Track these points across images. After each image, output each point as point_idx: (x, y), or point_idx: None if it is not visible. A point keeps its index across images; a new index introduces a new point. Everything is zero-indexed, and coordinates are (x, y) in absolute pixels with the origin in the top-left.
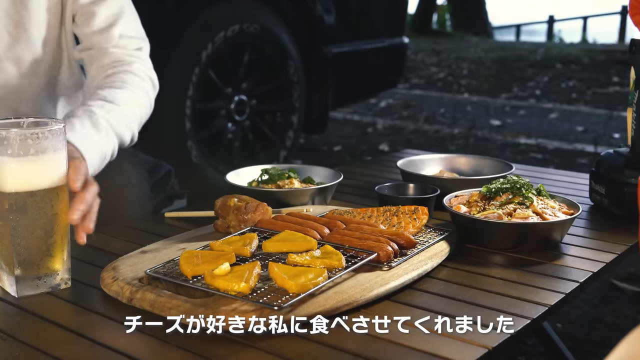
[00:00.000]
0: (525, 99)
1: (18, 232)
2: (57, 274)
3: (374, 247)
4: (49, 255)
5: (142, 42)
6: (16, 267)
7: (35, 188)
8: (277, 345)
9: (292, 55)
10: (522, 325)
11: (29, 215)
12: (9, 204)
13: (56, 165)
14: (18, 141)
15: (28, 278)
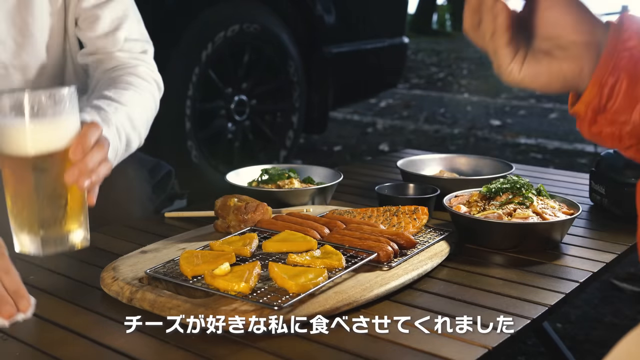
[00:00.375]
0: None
1: (40, 192)
2: (77, 232)
3: (374, 247)
4: (68, 215)
5: (147, 44)
6: (39, 226)
7: (55, 149)
8: (277, 345)
9: (292, 55)
10: (522, 325)
11: (50, 175)
12: (31, 166)
13: (73, 126)
14: (37, 103)
15: (51, 237)
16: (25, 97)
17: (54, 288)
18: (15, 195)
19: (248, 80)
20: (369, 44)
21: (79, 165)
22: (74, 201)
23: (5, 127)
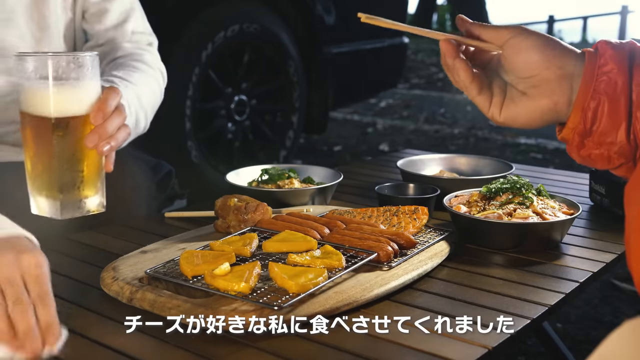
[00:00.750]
0: None
1: (60, 155)
2: (94, 198)
3: (374, 247)
4: (87, 179)
5: (152, 37)
6: (59, 190)
7: (76, 113)
8: (277, 345)
9: (292, 55)
10: (522, 325)
11: (71, 139)
12: (53, 128)
13: (94, 90)
14: (62, 65)
15: (69, 202)
16: (49, 60)
17: (54, 288)
18: (35, 158)
19: (248, 80)
20: (369, 44)
21: (99, 130)
22: (92, 166)
23: (30, 88)
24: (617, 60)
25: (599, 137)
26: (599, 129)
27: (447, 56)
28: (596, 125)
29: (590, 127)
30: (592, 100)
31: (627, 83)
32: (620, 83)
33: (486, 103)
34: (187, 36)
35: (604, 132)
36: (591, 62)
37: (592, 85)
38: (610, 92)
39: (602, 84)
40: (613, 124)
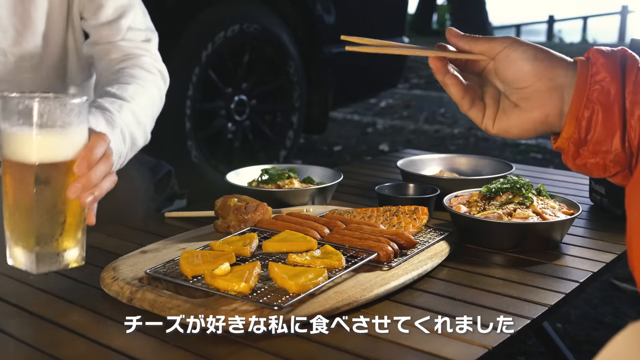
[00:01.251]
0: None
1: (40, 204)
2: (73, 250)
3: (374, 247)
4: (67, 231)
5: (151, 33)
6: (35, 242)
7: (60, 160)
8: (277, 345)
9: (292, 55)
10: (522, 325)
11: (52, 187)
12: (34, 176)
13: (80, 137)
14: (47, 112)
15: (46, 254)
16: (34, 103)
17: (54, 288)
18: (13, 206)
19: (248, 80)
20: None
21: (82, 180)
22: (74, 217)
23: (12, 133)
24: (609, 69)
25: (594, 145)
26: (594, 137)
27: (437, 73)
28: (591, 134)
29: (585, 136)
30: (585, 110)
31: (620, 91)
32: (613, 91)
33: (479, 115)
34: (187, 36)
35: (598, 140)
36: (583, 71)
37: (585, 94)
38: (603, 101)
39: (595, 92)
40: (608, 132)
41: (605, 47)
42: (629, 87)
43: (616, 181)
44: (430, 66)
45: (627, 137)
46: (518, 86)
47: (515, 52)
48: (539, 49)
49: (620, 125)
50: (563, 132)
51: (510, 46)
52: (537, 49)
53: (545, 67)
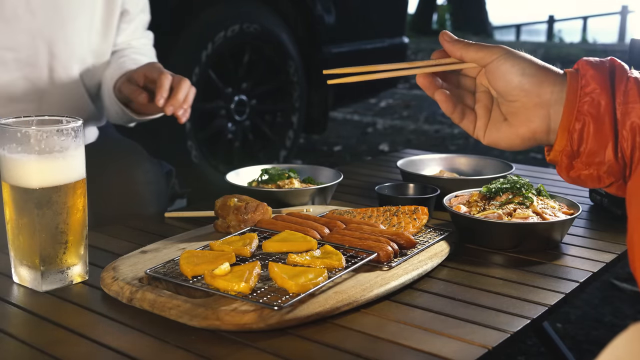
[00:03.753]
0: None
1: (43, 227)
2: (76, 267)
3: (374, 247)
4: (70, 249)
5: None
6: (40, 262)
7: (60, 183)
8: (277, 345)
9: (292, 55)
10: (522, 325)
11: (53, 210)
12: (36, 200)
13: (78, 160)
14: (44, 138)
15: (51, 272)
16: (32, 131)
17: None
18: (17, 229)
19: (248, 80)
20: (369, 44)
21: (171, 102)
22: (75, 236)
23: (12, 159)
24: (599, 80)
25: (587, 157)
26: (587, 149)
27: (426, 90)
28: (583, 146)
29: (577, 148)
30: (577, 122)
31: (610, 102)
32: (603, 103)
33: (470, 126)
34: (187, 36)
35: (591, 152)
36: (573, 83)
37: (575, 107)
38: (594, 113)
39: (585, 104)
40: (600, 143)
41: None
42: (618, 97)
43: (611, 191)
44: (418, 84)
45: (619, 148)
46: (507, 99)
47: (504, 65)
48: (528, 64)
49: (612, 136)
50: (555, 144)
51: (501, 58)
52: (527, 64)
53: (532, 84)
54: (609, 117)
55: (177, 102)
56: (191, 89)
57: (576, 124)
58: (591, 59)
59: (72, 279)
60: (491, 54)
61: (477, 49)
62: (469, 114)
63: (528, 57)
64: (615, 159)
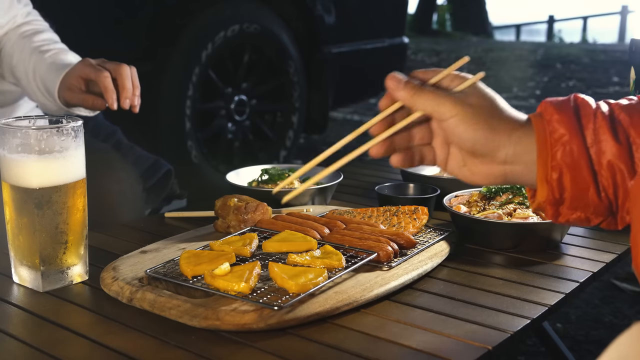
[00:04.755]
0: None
1: (43, 227)
2: (77, 267)
3: (374, 247)
4: (70, 249)
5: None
6: (40, 262)
7: (60, 183)
8: (277, 345)
9: (292, 55)
10: (522, 325)
11: (53, 210)
12: (36, 200)
13: (78, 160)
14: (44, 139)
15: (51, 272)
16: (32, 130)
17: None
18: (17, 229)
19: (248, 80)
20: (369, 44)
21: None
22: (75, 236)
23: (12, 160)
24: (566, 124)
25: (571, 202)
26: (570, 195)
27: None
28: (566, 193)
29: (560, 196)
30: (553, 172)
31: (583, 145)
32: (576, 148)
33: (442, 169)
34: (187, 36)
35: (574, 197)
36: (540, 131)
37: (549, 158)
38: (568, 161)
39: (558, 153)
40: (581, 188)
41: (557, 98)
42: (589, 137)
43: (603, 227)
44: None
45: (601, 187)
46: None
47: (457, 129)
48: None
49: (592, 178)
50: (538, 196)
51: (455, 119)
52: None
53: (486, 148)
54: (585, 160)
55: (128, 93)
56: (132, 70)
57: (553, 174)
58: (553, 100)
59: (72, 279)
60: (444, 113)
61: (427, 102)
62: (435, 157)
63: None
64: (599, 199)
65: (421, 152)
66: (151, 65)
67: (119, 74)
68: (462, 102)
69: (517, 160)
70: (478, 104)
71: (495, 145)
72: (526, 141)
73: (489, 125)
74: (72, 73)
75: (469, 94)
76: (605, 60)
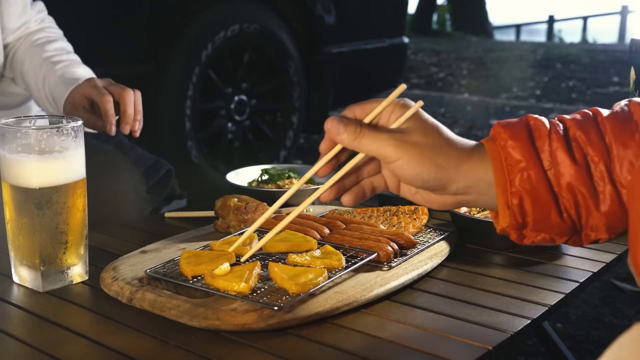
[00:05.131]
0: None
1: (43, 227)
2: (77, 267)
3: (374, 247)
4: (70, 249)
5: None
6: (40, 262)
7: (60, 183)
8: (277, 346)
9: (292, 55)
10: (522, 325)
11: (53, 210)
12: (36, 200)
13: (78, 160)
14: (45, 139)
15: (51, 272)
16: (32, 130)
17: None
18: (17, 229)
19: (248, 80)
20: (369, 44)
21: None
22: (75, 236)
23: (12, 160)
24: (521, 150)
25: (534, 225)
26: (532, 219)
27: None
28: (528, 217)
29: (522, 220)
30: (513, 198)
31: (540, 169)
32: (534, 174)
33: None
34: (187, 36)
35: (537, 220)
36: (496, 157)
37: (507, 185)
38: (528, 187)
39: (516, 180)
40: (542, 211)
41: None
42: (546, 161)
43: (572, 245)
44: (323, 201)
45: (562, 208)
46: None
47: (404, 171)
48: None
49: (553, 201)
50: (500, 222)
51: (400, 162)
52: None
53: (435, 186)
54: (544, 184)
55: (129, 119)
56: (136, 94)
57: (513, 200)
58: (506, 124)
59: (72, 279)
60: (388, 157)
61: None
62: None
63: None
64: (562, 220)
65: (372, 182)
66: (151, 65)
67: (122, 98)
68: (404, 144)
69: (469, 192)
70: (422, 142)
71: (444, 181)
72: (477, 172)
73: (435, 163)
74: (77, 91)
75: (412, 130)
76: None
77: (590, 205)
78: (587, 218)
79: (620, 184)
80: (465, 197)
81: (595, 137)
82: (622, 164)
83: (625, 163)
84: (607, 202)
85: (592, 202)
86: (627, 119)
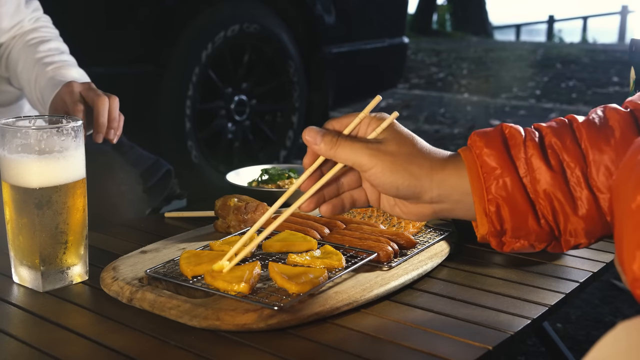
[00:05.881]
0: (525, 99)
1: (43, 227)
2: (77, 267)
3: (374, 247)
4: (70, 249)
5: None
6: (40, 262)
7: (60, 183)
8: (277, 345)
9: (292, 55)
10: (522, 325)
11: (53, 210)
12: (36, 200)
13: (78, 160)
14: (44, 139)
15: (51, 272)
16: (32, 130)
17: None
18: (17, 229)
19: (248, 80)
20: (369, 44)
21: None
22: (75, 236)
23: (12, 160)
24: (496, 158)
25: (513, 232)
26: (510, 226)
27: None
28: (506, 224)
29: (500, 227)
30: (490, 205)
31: (516, 177)
32: (509, 181)
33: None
34: (187, 36)
35: (515, 227)
36: (472, 165)
37: (484, 192)
38: (504, 194)
39: (492, 187)
40: (520, 218)
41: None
42: (521, 168)
43: (552, 251)
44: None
45: (540, 215)
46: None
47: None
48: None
49: (530, 208)
50: (480, 229)
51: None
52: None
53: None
54: (520, 191)
55: (101, 128)
56: (112, 102)
57: (490, 207)
58: (481, 133)
59: (72, 279)
60: (363, 165)
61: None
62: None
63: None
64: (540, 227)
65: (352, 196)
66: (151, 65)
67: (95, 106)
68: (379, 152)
69: (444, 200)
70: (396, 151)
71: (418, 190)
72: (450, 181)
73: (409, 172)
74: (57, 95)
75: (387, 140)
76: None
77: (568, 211)
78: (565, 224)
79: (597, 188)
80: (441, 205)
81: (570, 143)
82: (599, 168)
83: (602, 168)
84: (584, 207)
85: (570, 208)
86: (602, 125)
